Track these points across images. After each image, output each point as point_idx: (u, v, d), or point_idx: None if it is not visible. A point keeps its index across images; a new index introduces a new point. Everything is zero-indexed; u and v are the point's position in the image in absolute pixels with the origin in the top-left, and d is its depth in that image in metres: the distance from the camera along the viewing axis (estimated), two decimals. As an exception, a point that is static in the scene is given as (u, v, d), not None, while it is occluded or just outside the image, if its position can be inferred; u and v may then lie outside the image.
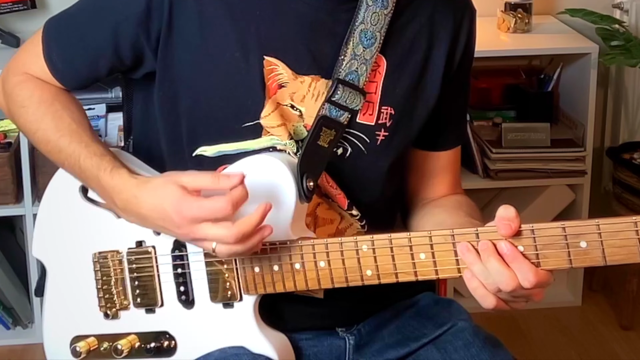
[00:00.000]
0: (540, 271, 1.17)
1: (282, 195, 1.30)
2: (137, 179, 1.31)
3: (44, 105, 1.40)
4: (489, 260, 1.17)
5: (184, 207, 1.23)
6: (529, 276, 1.16)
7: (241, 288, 1.33)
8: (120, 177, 1.31)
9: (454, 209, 1.43)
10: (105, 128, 2.79)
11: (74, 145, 1.36)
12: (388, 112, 1.38)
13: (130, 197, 1.29)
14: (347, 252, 1.26)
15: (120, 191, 1.31)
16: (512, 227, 1.17)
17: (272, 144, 1.35)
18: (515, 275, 1.16)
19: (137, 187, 1.29)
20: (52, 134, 1.38)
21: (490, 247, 1.18)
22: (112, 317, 1.41)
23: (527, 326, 2.87)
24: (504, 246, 1.17)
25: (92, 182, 1.36)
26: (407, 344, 1.43)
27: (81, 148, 1.36)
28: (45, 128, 1.39)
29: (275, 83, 1.34)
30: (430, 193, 1.51)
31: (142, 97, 1.49)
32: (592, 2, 3.00)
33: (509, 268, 1.17)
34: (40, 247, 1.47)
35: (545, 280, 1.18)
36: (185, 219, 1.23)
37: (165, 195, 1.25)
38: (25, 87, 1.42)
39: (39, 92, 1.41)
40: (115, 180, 1.31)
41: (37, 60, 1.41)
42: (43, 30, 1.43)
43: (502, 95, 3.09)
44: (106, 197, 1.34)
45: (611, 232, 1.13)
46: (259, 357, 1.34)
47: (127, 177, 1.31)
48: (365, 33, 1.35)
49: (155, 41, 1.35)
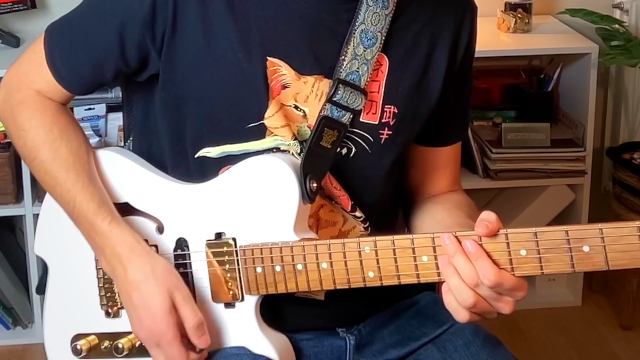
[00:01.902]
0: (503, 273, 1.17)
1: (285, 196, 1.30)
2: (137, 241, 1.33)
3: (42, 132, 1.39)
4: (456, 256, 1.19)
5: (162, 325, 1.29)
6: (489, 274, 1.17)
7: (243, 288, 1.33)
8: (119, 230, 1.33)
9: (454, 209, 1.43)
10: (105, 128, 2.79)
11: (69, 183, 1.36)
12: (391, 111, 1.38)
13: (122, 255, 1.32)
14: (349, 253, 1.26)
15: (115, 244, 1.32)
16: (489, 227, 1.18)
17: (276, 144, 1.35)
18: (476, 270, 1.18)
19: (134, 251, 1.32)
20: (49, 168, 1.38)
21: (458, 246, 1.19)
22: (113, 315, 1.41)
23: (527, 326, 2.87)
24: (469, 244, 1.19)
25: (82, 224, 1.36)
26: (408, 343, 1.43)
27: (77, 188, 1.36)
28: (42, 159, 1.38)
29: (278, 84, 1.34)
30: (431, 188, 1.51)
31: (143, 98, 1.49)
32: (592, 2, 3.00)
33: (473, 265, 1.18)
34: (42, 244, 1.47)
35: (513, 287, 1.18)
36: (152, 332, 1.30)
37: (156, 295, 1.29)
38: (26, 107, 1.40)
39: (39, 114, 1.40)
40: (114, 232, 1.33)
41: (41, 70, 1.40)
42: (45, 36, 1.41)
43: (502, 95, 3.09)
44: (95, 243, 1.35)
45: (614, 237, 1.13)
46: (260, 357, 1.34)
47: (127, 233, 1.33)
48: (366, 33, 1.35)
49: (160, 42, 1.35)
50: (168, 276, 1.31)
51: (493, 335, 1.41)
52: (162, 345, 1.30)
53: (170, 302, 1.29)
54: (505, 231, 1.19)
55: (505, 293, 1.19)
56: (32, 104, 1.41)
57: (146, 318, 1.30)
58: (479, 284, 1.18)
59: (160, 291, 1.29)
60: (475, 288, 1.19)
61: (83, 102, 2.77)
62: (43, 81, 1.40)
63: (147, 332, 1.31)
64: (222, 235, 1.34)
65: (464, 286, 1.19)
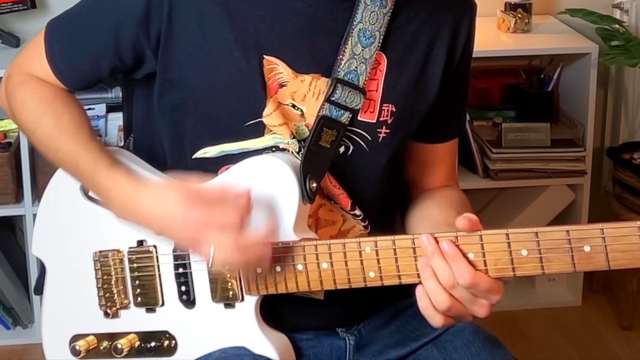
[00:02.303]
0: (479, 274, 1.18)
1: (285, 196, 1.30)
2: (134, 180, 1.31)
3: (44, 104, 1.40)
4: (434, 257, 1.19)
5: (190, 209, 1.23)
6: (465, 275, 1.17)
7: (242, 288, 1.33)
8: (116, 178, 1.31)
9: (445, 206, 1.43)
10: (105, 128, 2.79)
11: (71, 143, 1.36)
12: (389, 110, 1.38)
13: (127, 197, 1.30)
14: (349, 253, 1.26)
15: (117, 187, 1.31)
16: (470, 219, 1.19)
17: (275, 143, 1.35)
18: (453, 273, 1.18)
19: (135, 188, 1.30)
20: (51, 132, 1.38)
21: (435, 247, 1.20)
22: (112, 316, 1.41)
23: (527, 326, 2.87)
24: (445, 245, 1.19)
25: (88, 181, 1.36)
26: (407, 343, 1.43)
27: (79, 147, 1.36)
28: (44, 126, 1.39)
29: (275, 82, 1.34)
30: (426, 183, 1.52)
31: (143, 97, 1.49)
32: (592, 2, 3.00)
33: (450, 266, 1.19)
34: (40, 245, 1.47)
35: (489, 289, 1.18)
36: (189, 223, 1.23)
37: (169, 197, 1.25)
38: (26, 86, 1.42)
39: (40, 91, 1.41)
40: (111, 181, 1.31)
41: (40, 61, 1.41)
42: (45, 30, 1.43)
43: (502, 95, 3.09)
44: (101, 194, 1.35)
45: (615, 237, 1.13)
46: (260, 357, 1.34)
47: (125, 178, 1.31)
48: (364, 32, 1.35)
49: (155, 41, 1.35)
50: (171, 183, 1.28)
51: (493, 335, 1.41)
52: (205, 233, 1.23)
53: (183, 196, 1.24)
54: (506, 231, 1.19)
55: (480, 295, 1.19)
56: (32, 83, 1.42)
57: (175, 224, 1.25)
58: (455, 285, 1.18)
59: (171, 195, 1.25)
60: (451, 290, 1.19)
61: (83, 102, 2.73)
62: (43, 71, 1.42)
63: (186, 233, 1.25)
64: (222, 235, 1.34)
65: (440, 289, 1.19)
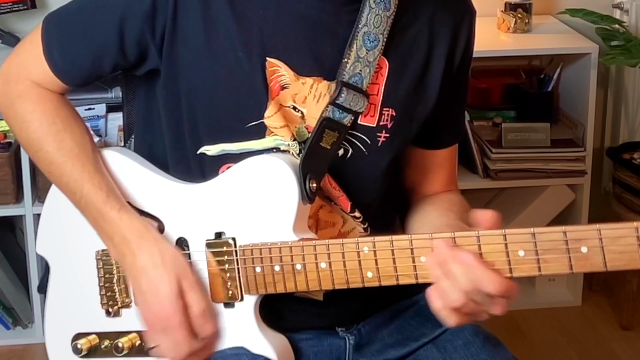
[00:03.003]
0: (505, 280, 1.16)
1: (285, 196, 1.30)
2: (146, 229, 1.34)
3: (45, 123, 1.39)
4: (453, 263, 1.17)
5: (169, 309, 1.30)
6: (495, 283, 1.16)
7: (242, 288, 1.34)
8: (129, 218, 1.34)
9: (445, 210, 1.43)
10: (105, 128, 2.79)
11: (76, 173, 1.37)
12: (389, 114, 1.38)
13: (131, 242, 1.33)
14: (348, 253, 1.26)
15: (125, 231, 1.33)
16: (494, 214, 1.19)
17: (276, 144, 1.35)
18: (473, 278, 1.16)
19: (143, 238, 1.33)
20: (54, 158, 1.38)
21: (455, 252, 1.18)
22: (113, 314, 1.42)
23: (527, 326, 2.87)
24: (465, 256, 1.17)
25: (90, 213, 1.37)
26: (407, 343, 1.43)
27: (84, 178, 1.36)
28: (47, 150, 1.38)
29: (277, 84, 1.34)
30: (426, 188, 1.52)
31: (144, 95, 1.49)
32: (592, 2, 3.00)
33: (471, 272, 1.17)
34: (44, 243, 1.47)
35: (509, 289, 1.17)
36: (160, 315, 1.31)
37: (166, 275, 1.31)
38: (27, 100, 1.40)
39: (41, 106, 1.40)
40: (123, 219, 1.34)
41: (38, 62, 1.40)
42: (42, 26, 1.41)
43: (502, 95, 3.09)
44: (104, 231, 1.36)
45: (612, 238, 1.13)
46: (259, 357, 1.34)
47: (136, 221, 1.34)
48: (369, 35, 1.34)
49: (160, 38, 1.35)
50: (176, 262, 1.32)
51: (493, 335, 1.41)
52: (169, 330, 1.31)
53: (177, 287, 1.31)
54: (503, 232, 1.19)
55: (499, 296, 1.18)
56: (32, 96, 1.41)
57: (154, 303, 1.31)
58: (477, 292, 1.17)
59: (168, 276, 1.30)
60: (471, 295, 1.18)
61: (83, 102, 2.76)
62: (40, 72, 1.40)
63: (155, 316, 1.32)
64: (222, 235, 1.34)
65: (453, 288, 1.18)
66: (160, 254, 1.32)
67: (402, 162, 1.50)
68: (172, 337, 1.31)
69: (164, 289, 1.30)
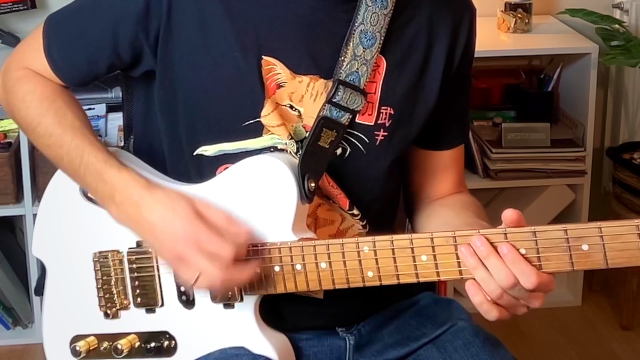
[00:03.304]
0: (542, 273, 1.17)
1: (284, 196, 1.30)
2: (147, 181, 1.31)
3: (46, 102, 1.39)
4: (489, 258, 1.18)
5: (193, 229, 1.25)
6: (532, 278, 1.16)
7: (242, 288, 1.33)
8: (128, 174, 1.31)
9: (461, 209, 1.43)
10: (105, 128, 2.79)
11: (77, 141, 1.36)
12: (387, 112, 1.38)
13: (134, 196, 1.29)
14: (348, 253, 1.26)
15: (126, 187, 1.30)
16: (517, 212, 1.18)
17: (273, 143, 1.35)
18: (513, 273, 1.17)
19: (145, 189, 1.30)
20: (55, 129, 1.37)
21: (490, 247, 1.18)
22: (112, 316, 1.41)
23: (527, 326, 2.87)
24: (505, 248, 1.18)
25: (90, 177, 1.34)
26: (407, 344, 1.43)
27: (85, 144, 1.35)
28: (47, 123, 1.38)
29: (273, 83, 1.34)
30: (434, 191, 1.51)
31: (143, 96, 1.49)
32: (592, 2, 3.00)
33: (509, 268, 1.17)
34: (40, 246, 1.47)
35: (547, 283, 1.18)
36: (187, 240, 1.25)
37: (177, 208, 1.26)
38: (27, 82, 1.41)
39: (41, 88, 1.40)
40: (123, 175, 1.31)
41: (38, 56, 1.40)
42: (44, 25, 1.42)
43: (502, 95, 3.09)
44: (104, 192, 1.33)
45: (613, 235, 1.13)
46: (259, 357, 1.34)
47: (136, 175, 1.31)
48: (366, 34, 1.34)
49: (154, 40, 1.35)
50: (182, 196, 1.29)
51: (493, 335, 1.41)
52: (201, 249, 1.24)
53: (192, 208, 1.26)
54: (504, 230, 1.19)
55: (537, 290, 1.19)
56: (32, 79, 1.41)
57: (175, 233, 1.25)
58: (515, 286, 1.17)
59: (179, 203, 1.26)
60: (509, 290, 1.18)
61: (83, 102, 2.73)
62: (41, 66, 1.41)
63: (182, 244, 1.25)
64: (221, 235, 1.34)
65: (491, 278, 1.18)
66: (166, 194, 1.29)
67: (407, 165, 1.50)
68: (207, 254, 1.24)
69: (180, 212, 1.25)
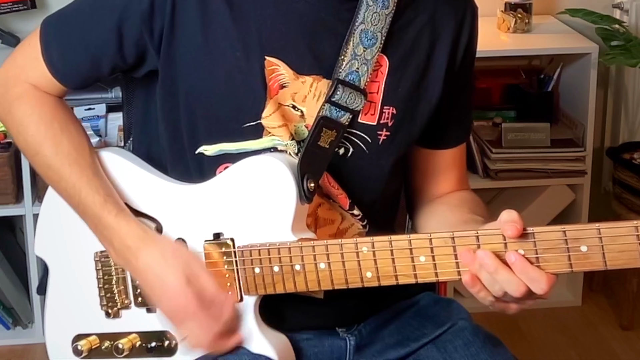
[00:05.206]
0: (550, 275, 1.16)
1: (283, 196, 1.30)
2: (144, 231, 1.33)
3: (43, 127, 1.39)
4: (498, 273, 1.17)
5: (184, 300, 1.29)
6: (542, 284, 1.15)
7: (241, 289, 1.33)
8: (127, 222, 1.33)
9: (457, 207, 1.43)
10: (105, 128, 2.79)
11: (74, 177, 1.36)
12: (390, 112, 1.38)
13: (131, 246, 1.32)
14: (347, 254, 1.26)
15: (123, 237, 1.33)
16: (517, 227, 1.16)
17: (273, 144, 1.35)
18: (524, 282, 1.16)
19: (143, 240, 1.32)
20: (52, 162, 1.38)
21: (497, 261, 1.17)
22: (113, 316, 1.42)
23: (527, 326, 2.87)
24: (512, 256, 1.16)
25: (89, 218, 1.36)
26: (407, 344, 1.43)
27: (82, 183, 1.36)
28: (44, 154, 1.38)
29: (276, 83, 1.34)
30: (436, 190, 1.51)
31: (143, 96, 1.49)
32: (592, 2, 3.00)
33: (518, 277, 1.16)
34: (42, 245, 1.47)
35: (553, 284, 1.17)
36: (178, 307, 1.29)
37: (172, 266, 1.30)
38: (24, 102, 1.40)
39: (39, 109, 1.40)
40: (121, 224, 1.33)
41: (36, 64, 1.39)
42: (41, 30, 1.41)
43: (502, 95, 3.09)
44: (103, 235, 1.36)
45: (612, 237, 1.13)
46: (259, 357, 1.34)
47: (133, 223, 1.34)
48: (366, 33, 1.34)
49: (158, 39, 1.34)
50: (178, 254, 1.32)
51: (493, 335, 1.41)
52: (190, 318, 1.29)
53: (184, 276, 1.29)
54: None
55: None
56: (29, 99, 1.40)
57: (167, 298, 1.30)
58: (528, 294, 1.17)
59: (173, 269, 1.30)
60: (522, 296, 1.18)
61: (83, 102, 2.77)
62: (39, 75, 1.40)
63: (172, 310, 1.31)
64: (220, 236, 1.34)
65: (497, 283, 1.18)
66: (161, 251, 1.32)
67: (409, 164, 1.50)
68: (196, 323, 1.30)
69: (172, 281, 1.29)
